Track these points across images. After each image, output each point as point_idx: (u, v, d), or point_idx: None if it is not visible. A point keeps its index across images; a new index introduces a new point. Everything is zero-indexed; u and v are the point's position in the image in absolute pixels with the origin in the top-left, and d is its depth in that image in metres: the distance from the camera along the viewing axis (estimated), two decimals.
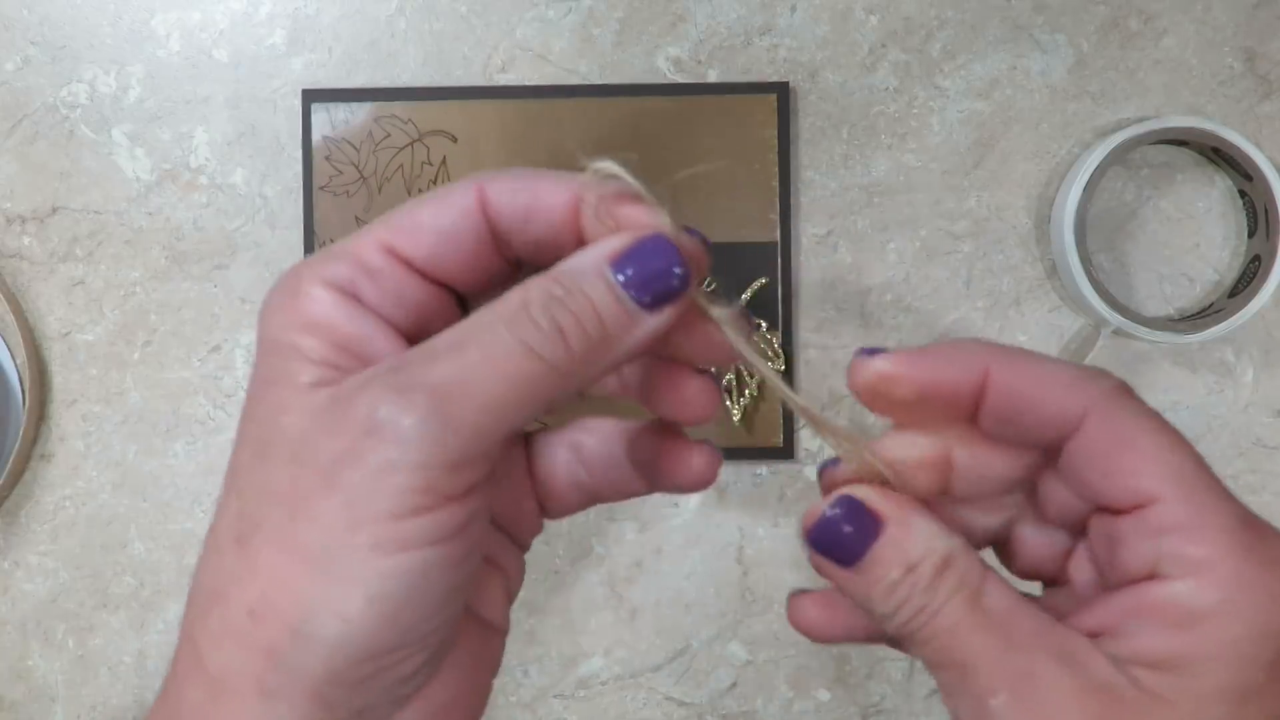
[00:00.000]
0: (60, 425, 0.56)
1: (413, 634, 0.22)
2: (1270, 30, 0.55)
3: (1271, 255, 0.52)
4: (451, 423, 0.21)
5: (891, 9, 0.55)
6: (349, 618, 0.21)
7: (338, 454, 0.21)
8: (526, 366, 0.21)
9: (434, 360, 0.21)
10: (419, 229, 0.23)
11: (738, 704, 0.56)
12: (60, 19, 0.56)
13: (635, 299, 0.22)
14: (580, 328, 0.22)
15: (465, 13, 0.55)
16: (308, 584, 0.21)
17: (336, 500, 0.21)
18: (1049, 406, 0.24)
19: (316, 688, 0.22)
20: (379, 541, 0.21)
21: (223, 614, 0.22)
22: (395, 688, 0.23)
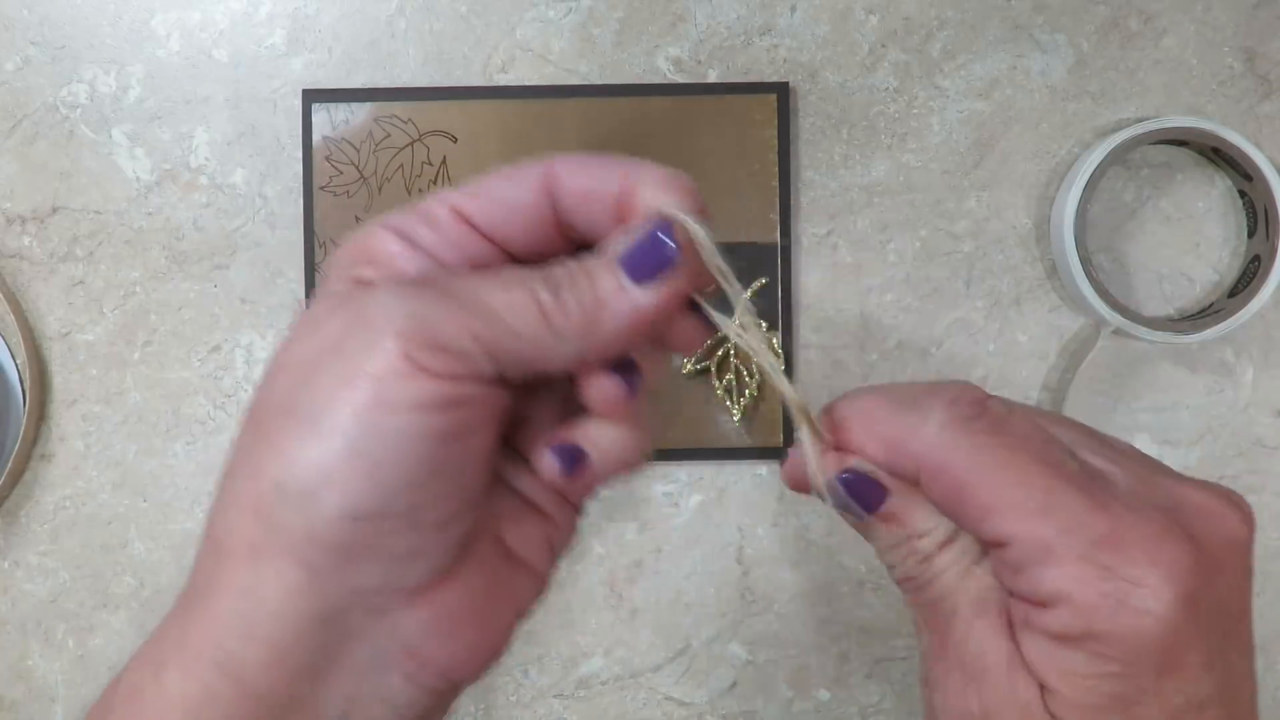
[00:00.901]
0: (60, 425, 0.56)
1: (393, 501, 0.22)
2: (1270, 30, 0.55)
3: (1271, 255, 0.52)
4: (440, 309, 0.22)
5: (891, 9, 0.55)
6: (327, 469, 0.22)
7: (344, 325, 0.23)
8: (530, 308, 0.23)
9: (453, 276, 0.24)
10: (483, 194, 0.25)
11: (738, 704, 0.56)
12: (60, 19, 0.56)
13: (628, 274, 0.24)
14: (574, 290, 0.23)
15: (465, 13, 0.55)
16: (294, 441, 0.22)
17: (332, 364, 0.22)
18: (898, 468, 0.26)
19: (298, 547, 0.22)
20: (364, 400, 0.22)
21: (229, 485, 0.23)
22: (387, 569, 0.23)
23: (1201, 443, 0.55)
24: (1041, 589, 0.22)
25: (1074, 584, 0.22)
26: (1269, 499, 0.55)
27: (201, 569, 0.24)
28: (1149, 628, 0.22)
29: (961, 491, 0.23)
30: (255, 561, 0.22)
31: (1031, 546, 0.23)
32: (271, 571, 0.22)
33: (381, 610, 0.23)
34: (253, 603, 0.22)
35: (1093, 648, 0.22)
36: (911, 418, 0.25)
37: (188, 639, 0.23)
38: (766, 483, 0.56)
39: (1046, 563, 0.22)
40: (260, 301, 0.56)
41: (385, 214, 0.26)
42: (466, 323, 0.23)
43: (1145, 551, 0.22)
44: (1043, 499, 0.23)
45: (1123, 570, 0.22)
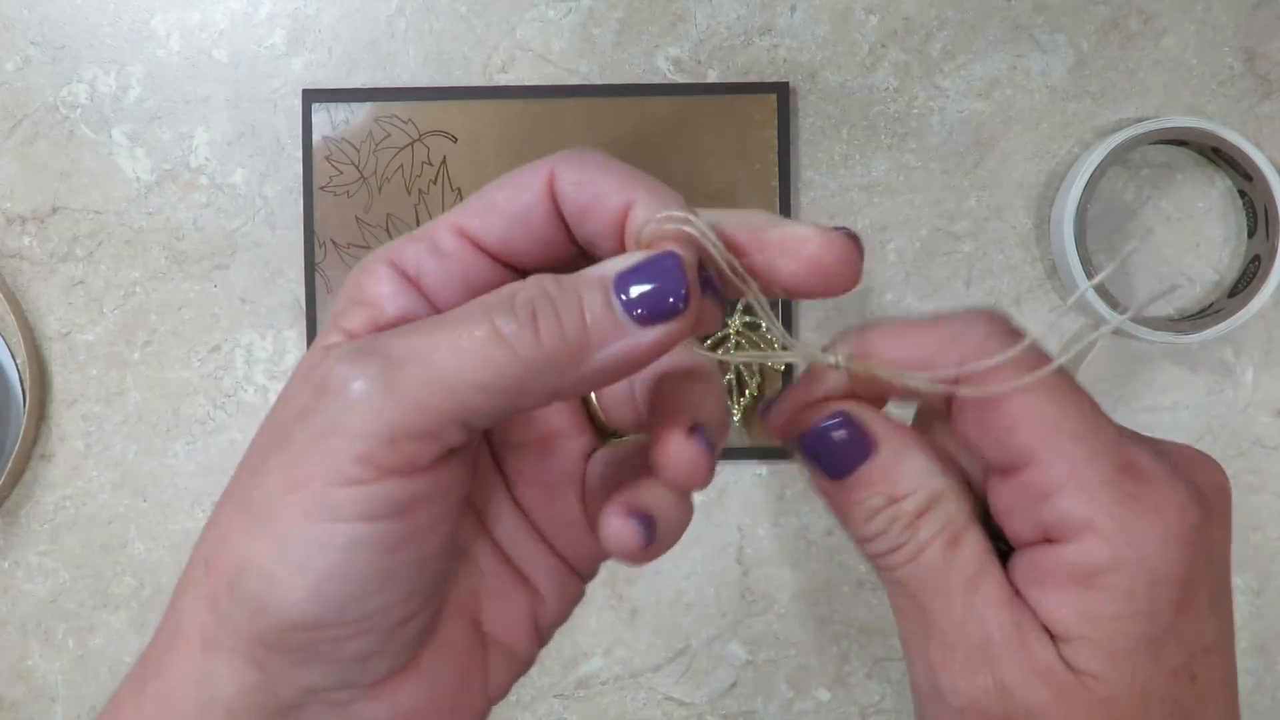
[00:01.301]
0: (60, 425, 0.56)
1: (345, 613, 0.21)
2: (1270, 30, 0.55)
3: (1271, 255, 0.52)
4: (396, 391, 0.20)
5: (891, 9, 0.55)
6: (274, 579, 0.20)
7: (295, 411, 0.21)
8: (489, 350, 0.20)
9: (403, 333, 0.21)
10: (492, 211, 0.23)
11: (738, 704, 0.56)
12: (60, 19, 0.56)
13: (628, 311, 0.21)
14: (557, 324, 0.21)
15: (465, 13, 0.55)
16: (245, 538, 0.21)
17: (284, 457, 0.21)
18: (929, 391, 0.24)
19: (247, 647, 0.21)
20: (310, 507, 0.20)
21: (192, 567, 0.22)
22: (343, 671, 0.22)
23: (1201, 443, 0.55)
24: (1069, 515, 0.22)
25: (1101, 510, 0.21)
26: (1269, 499, 0.55)
27: (160, 642, 0.23)
28: (1173, 557, 0.21)
29: (996, 404, 0.22)
30: (208, 653, 0.22)
31: (1061, 469, 0.22)
32: (224, 666, 0.22)
33: (339, 705, 0.22)
34: (205, 697, 0.22)
35: (1117, 581, 0.21)
36: (949, 333, 0.24)
37: (145, 717, 0.23)
38: (766, 483, 0.56)
39: (1074, 487, 0.22)
40: (260, 301, 0.56)
41: (393, 241, 0.23)
42: (424, 398, 0.20)
43: (1164, 484, 0.22)
44: (1076, 423, 0.22)
45: (1146, 498, 0.22)
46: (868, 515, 0.24)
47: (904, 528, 0.23)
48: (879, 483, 0.24)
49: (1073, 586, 0.22)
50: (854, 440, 0.24)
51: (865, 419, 0.24)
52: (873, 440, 0.24)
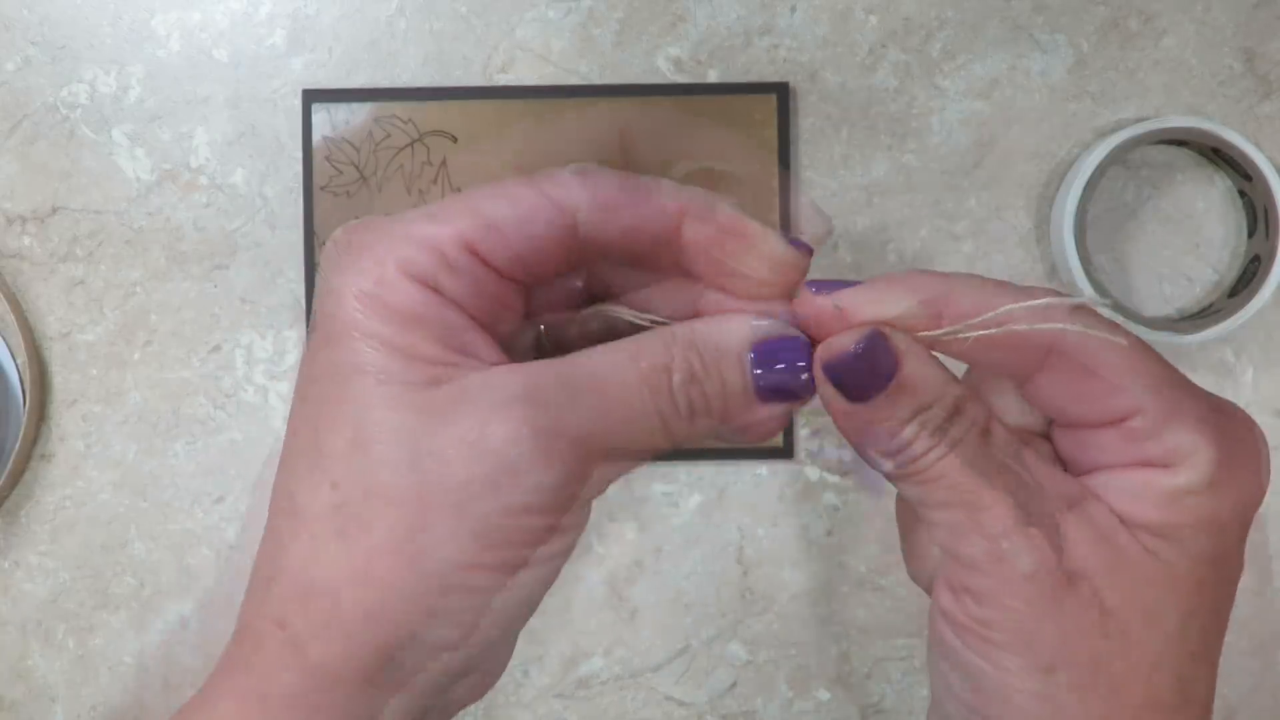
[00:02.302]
0: (60, 425, 0.56)
1: (515, 633, 0.24)
2: (1270, 30, 0.55)
3: (1271, 255, 0.52)
4: (581, 472, 0.22)
5: (891, 9, 0.55)
6: (471, 628, 0.22)
7: (471, 480, 0.22)
8: (658, 438, 0.23)
9: (574, 402, 0.22)
10: (503, 232, 0.23)
11: (738, 704, 0.56)
12: (60, 19, 0.56)
13: (760, 394, 0.24)
14: (709, 409, 0.23)
15: (465, 13, 0.55)
16: (432, 599, 0.22)
17: (465, 525, 0.22)
18: (1016, 357, 0.25)
19: (424, 687, 0.23)
20: (503, 563, 0.22)
21: (332, 609, 0.22)
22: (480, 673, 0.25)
23: None
24: (1177, 446, 0.23)
25: (1203, 438, 0.23)
26: (1269, 499, 0.55)
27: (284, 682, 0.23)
28: (1256, 486, 0.23)
29: (1098, 368, 0.24)
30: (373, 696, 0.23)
31: (1165, 411, 0.23)
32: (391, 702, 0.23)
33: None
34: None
35: (1205, 501, 0.23)
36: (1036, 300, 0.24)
37: None
38: (766, 483, 0.56)
39: (1176, 423, 0.23)
40: (260, 301, 0.56)
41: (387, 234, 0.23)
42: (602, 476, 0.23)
43: (1243, 420, 0.24)
44: (1164, 371, 0.24)
45: (1234, 431, 0.23)
46: (896, 428, 0.24)
47: (933, 432, 0.24)
48: (906, 395, 0.24)
49: (1168, 500, 0.23)
50: (883, 358, 0.24)
51: (892, 336, 0.25)
52: (897, 355, 0.24)
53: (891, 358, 0.24)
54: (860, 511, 0.56)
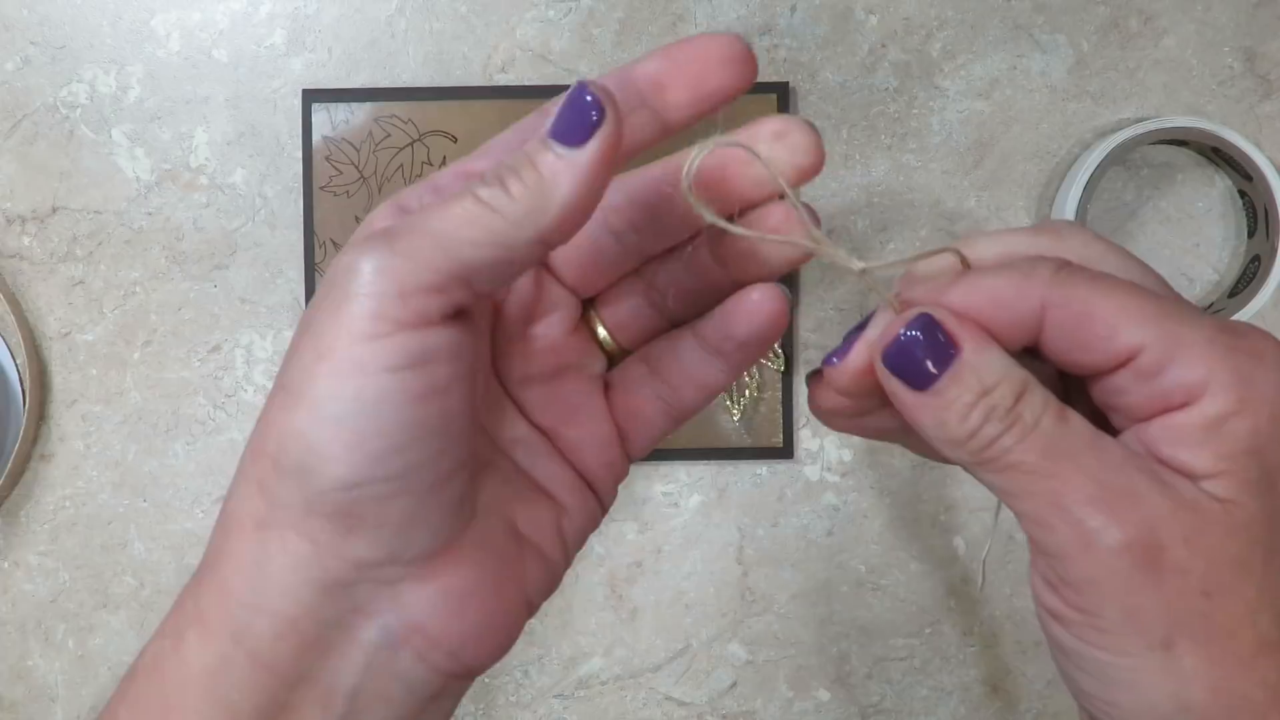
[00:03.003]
0: (60, 425, 0.56)
1: (380, 467, 0.23)
2: (1270, 30, 0.55)
3: (1271, 255, 0.52)
4: (400, 254, 0.22)
5: (891, 9, 0.55)
6: (313, 442, 0.22)
7: (315, 301, 0.23)
8: (474, 211, 0.23)
9: (410, 214, 0.24)
10: (491, 153, 0.26)
11: (738, 704, 0.56)
12: (60, 19, 0.56)
13: (563, 142, 0.24)
14: (518, 176, 0.23)
15: (465, 13, 0.55)
16: (283, 414, 0.23)
17: (309, 338, 0.23)
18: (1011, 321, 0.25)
19: (299, 520, 0.23)
20: (337, 368, 0.22)
21: (241, 463, 0.24)
22: (388, 539, 0.23)
23: None
24: (1186, 379, 0.23)
25: (1215, 364, 0.23)
26: None
27: (214, 543, 0.25)
28: (1276, 398, 0.23)
29: (1091, 315, 0.24)
30: (261, 534, 0.23)
31: (1168, 344, 0.23)
32: (276, 544, 0.23)
33: (388, 584, 0.24)
34: (260, 575, 0.23)
35: (1243, 422, 0.23)
36: (1018, 274, 0.25)
37: (203, 611, 0.24)
38: (766, 483, 0.56)
39: (1184, 355, 0.23)
40: (260, 301, 0.56)
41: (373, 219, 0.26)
42: (427, 256, 0.23)
43: (1253, 333, 0.24)
44: (1159, 305, 0.24)
45: (1245, 347, 0.23)
46: (962, 414, 0.24)
47: (1003, 415, 0.24)
48: (968, 379, 0.24)
49: (1204, 434, 0.23)
50: (938, 343, 0.24)
51: (944, 319, 0.25)
52: (955, 340, 0.24)
53: (948, 341, 0.24)
54: (860, 511, 0.56)
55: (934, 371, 0.24)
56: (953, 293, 0.25)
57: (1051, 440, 0.24)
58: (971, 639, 0.56)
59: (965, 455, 0.25)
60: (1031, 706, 0.56)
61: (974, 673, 0.56)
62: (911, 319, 0.25)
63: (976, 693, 0.56)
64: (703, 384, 0.29)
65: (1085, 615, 0.24)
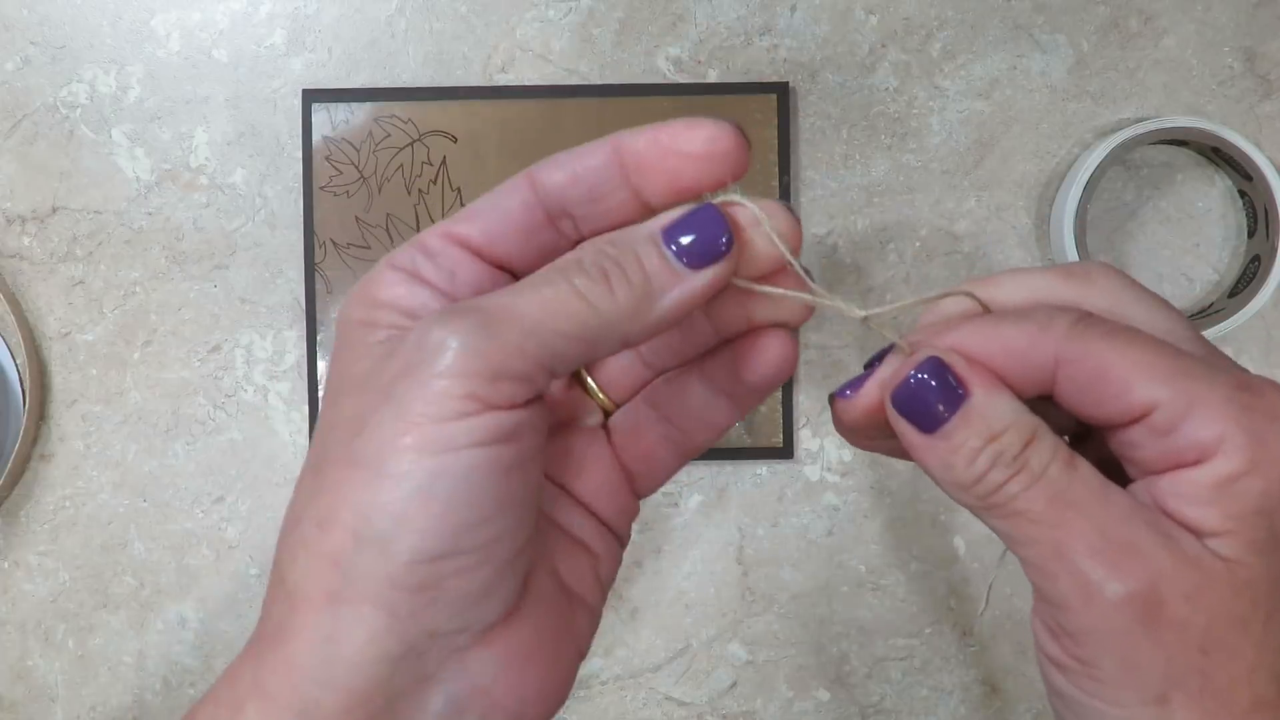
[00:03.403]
0: (60, 425, 0.56)
1: (466, 539, 0.23)
2: (1270, 30, 0.55)
3: (1271, 255, 0.52)
4: (495, 338, 0.22)
5: (891, 9, 0.55)
6: (400, 516, 0.22)
7: (395, 374, 0.23)
8: (573, 304, 0.23)
9: (491, 295, 0.24)
10: (474, 214, 0.25)
11: (738, 704, 0.56)
12: (60, 19, 0.56)
13: (679, 259, 0.24)
14: (624, 277, 0.23)
15: (465, 13, 0.55)
16: (363, 489, 0.23)
17: (389, 412, 0.23)
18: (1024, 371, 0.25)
19: (379, 593, 0.23)
20: (427, 443, 0.22)
21: (299, 532, 0.24)
22: (464, 609, 0.23)
23: None
24: (1199, 437, 0.23)
25: (1230, 425, 0.23)
26: None
27: (273, 616, 0.24)
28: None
29: (1105, 371, 0.24)
30: (334, 607, 0.23)
31: (1182, 401, 0.23)
32: (352, 617, 0.23)
33: (456, 651, 0.24)
34: (332, 649, 0.23)
35: (1254, 483, 0.23)
36: (1033, 325, 0.25)
37: (265, 683, 0.23)
38: (766, 483, 0.56)
39: (1198, 414, 0.23)
40: (260, 301, 0.56)
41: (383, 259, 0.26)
42: (519, 343, 0.23)
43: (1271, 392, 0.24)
44: (1176, 362, 0.24)
45: (1262, 408, 0.23)
46: (969, 458, 0.24)
47: (1010, 461, 0.24)
48: (975, 424, 0.24)
49: (1214, 493, 0.23)
50: (948, 386, 0.24)
51: (954, 363, 0.25)
52: (964, 384, 0.24)
53: (957, 384, 0.24)
54: (860, 511, 0.56)
55: (943, 415, 0.24)
56: (966, 337, 0.25)
57: (1058, 489, 0.24)
58: (971, 639, 0.56)
59: (970, 499, 0.25)
60: (1032, 706, 0.56)
61: (974, 673, 0.56)
62: (921, 361, 0.25)
63: (976, 693, 0.56)
64: (712, 424, 0.29)
65: (1083, 665, 0.24)
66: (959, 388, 0.24)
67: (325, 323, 0.55)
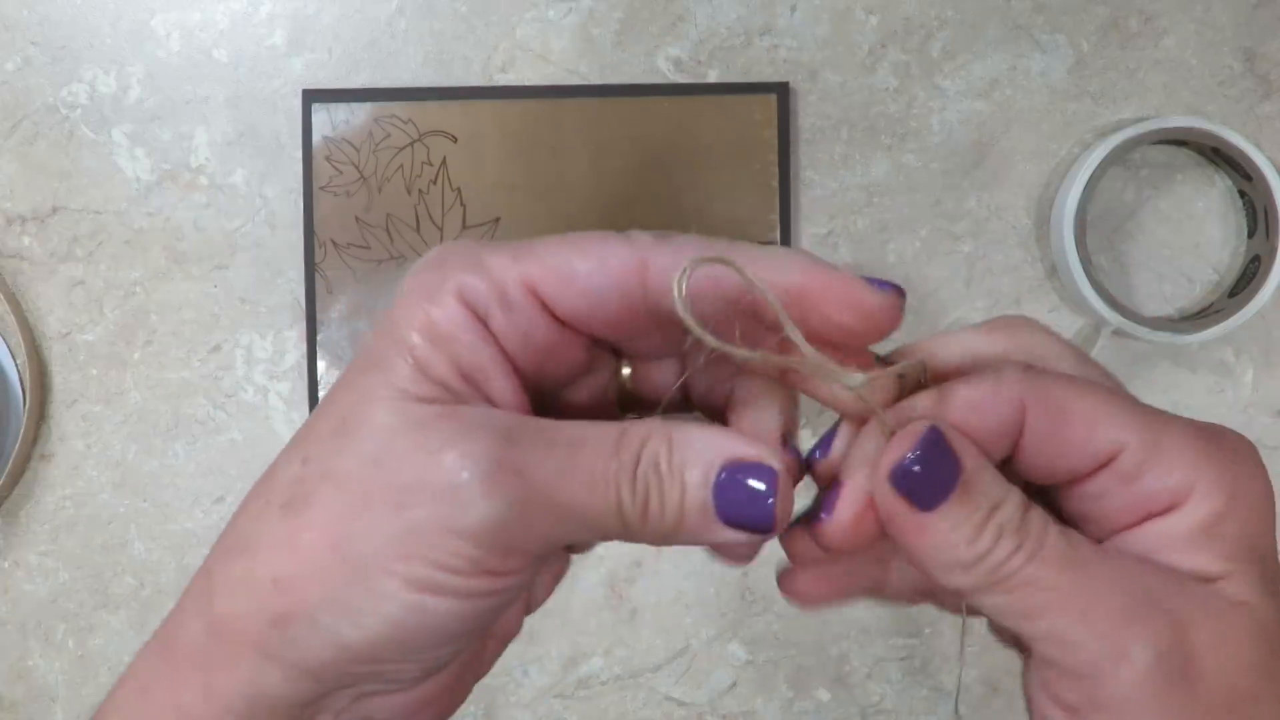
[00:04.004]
0: (60, 425, 0.56)
1: (417, 656, 0.23)
2: (1270, 30, 0.55)
3: (1271, 255, 0.52)
4: (525, 520, 0.22)
5: (891, 9, 0.55)
6: (364, 628, 0.22)
7: (416, 484, 0.22)
8: (608, 514, 0.23)
9: (543, 452, 0.22)
10: (570, 281, 0.23)
11: (738, 704, 0.56)
12: (60, 19, 0.56)
13: (720, 512, 0.23)
14: (662, 514, 0.23)
15: (465, 13, 0.55)
16: (339, 585, 0.22)
17: (397, 527, 0.22)
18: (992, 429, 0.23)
19: (313, 669, 0.23)
20: (417, 581, 0.22)
21: (248, 568, 0.23)
22: (388, 682, 0.24)
23: None
24: (1170, 482, 0.22)
25: (1200, 467, 0.22)
26: None
27: (191, 631, 0.24)
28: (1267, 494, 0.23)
29: (1068, 416, 0.23)
30: (263, 661, 0.23)
31: (1148, 444, 0.23)
32: (279, 676, 0.23)
33: (362, 698, 0.24)
34: (256, 693, 0.23)
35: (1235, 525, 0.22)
36: (987, 381, 0.23)
37: (185, 707, 0.23)
38: None
39: (1166, 456, 0.23)
40: (260, 301, 0.56)
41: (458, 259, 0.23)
42: (546, 531, 0.23)
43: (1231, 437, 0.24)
44: (1134, 406, 0.23)
45: (1225, 450, 0.23)
46: (972, 535, 0.22)
47: (1015, 531, 0.23)
48: (976, 497, 0.23)
49: (1203, 538, 0.22)
50: (947, 457, 0.23)
51: (949, 432, 0.23)
52: (957, 455, 0.23)
53: (952, 456, 0.23)
54: None
55: (941, 490, 0.22)
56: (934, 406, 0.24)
57: (1064, 554, 0.22)
58: (971, 639, 0.56)
59: (973, 579, 0.23)
60: None
61: (974, 673, 0.56)
62: (922, 434, 0.23)
63: (976, 693, 0.56)
64: None
65: None
66: (956, 463, 0.23)
67: (325, 323, 0.55)
